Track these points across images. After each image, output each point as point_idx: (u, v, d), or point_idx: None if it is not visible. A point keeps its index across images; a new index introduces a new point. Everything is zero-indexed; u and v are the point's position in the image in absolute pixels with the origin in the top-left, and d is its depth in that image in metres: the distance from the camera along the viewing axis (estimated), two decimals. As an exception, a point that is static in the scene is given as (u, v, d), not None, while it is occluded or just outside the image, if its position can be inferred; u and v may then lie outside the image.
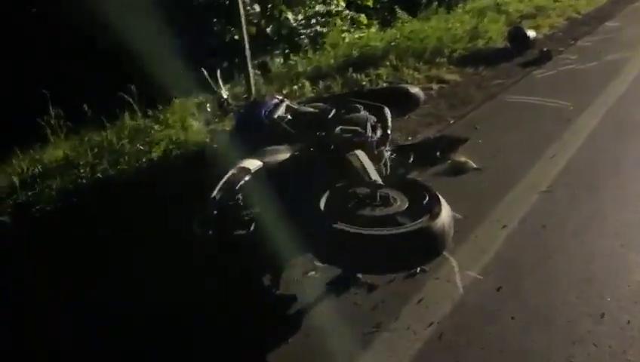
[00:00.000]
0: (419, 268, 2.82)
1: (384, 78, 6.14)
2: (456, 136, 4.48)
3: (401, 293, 2.67)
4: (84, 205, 3.26)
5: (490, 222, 3.27)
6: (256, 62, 5.58)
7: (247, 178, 2.76)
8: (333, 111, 3.68)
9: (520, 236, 3.11)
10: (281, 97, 3.92)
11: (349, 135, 3.21)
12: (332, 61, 6.86)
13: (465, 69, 6.90)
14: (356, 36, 9.03)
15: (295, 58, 7.39)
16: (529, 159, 4.10)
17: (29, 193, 3.37)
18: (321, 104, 3.96)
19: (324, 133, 3.27)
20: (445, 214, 2.56)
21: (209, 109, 4.51)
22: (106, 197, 3.29)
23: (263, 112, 3.61)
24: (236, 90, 5.70)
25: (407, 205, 2.69)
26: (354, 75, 6.04)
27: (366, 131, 3.24)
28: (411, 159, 4.08)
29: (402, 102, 4.28)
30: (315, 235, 2.53)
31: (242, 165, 2.78)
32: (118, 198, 3.26)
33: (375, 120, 3.55)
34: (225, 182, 2.64)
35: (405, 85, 4.57)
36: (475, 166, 4.06)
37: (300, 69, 6.68)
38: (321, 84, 5.87)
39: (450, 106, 5.62)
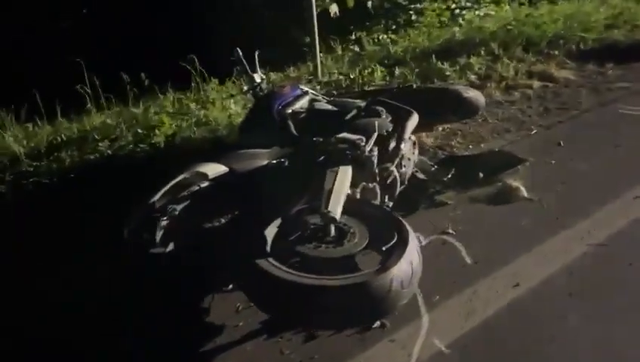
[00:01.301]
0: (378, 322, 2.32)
1: (474, 69, 5.33)
2: (514, 153, 3.70)
3: (339, 352, 2.22)
4: (75, 183, 3.22)
5: (503, 277, 2.61)
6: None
7: (203, 184, 2.47)
8: (354, 111, 3.20)
9: (530, 303, 2.44)
10: (305, 88, 3.52)
11: (345, 146, 2.74)
12: (427, 43, 6.18)
13: (586, 66, 5.77)
14: (479, 13, 8.08)
15: (391, 37, 6.80)
16: (601, 197, 3.23)
17: (35, 164, 3.42)
18: (350, 100, 3.49)
19: (321, 140, 2.84)
20: (401, 269, 2.05)
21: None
22: (98, 178, 3.21)
23: (277, 105, 3.25)
24: (301, 71, 5.35)
25: (364, 245, 2.22)
26: (438, 63, 5.32)
27: (366, 143, 2.73)
28: (449, 176, 3.45)
29: (454, 107, 3.63)
30: (239, 269, 2.19)
31: (199, 169, 2.49)
32: (110, 180, 3.16)
33: (390, 129, 3.01)
34: (172, 186, 2.38)
35: (460, 87, 3.86)
36: (526, 195, 3.31)
37: (392, 50, 6.11)
38: (397, 70, 5.27)
39: (543, 111, 4.72)
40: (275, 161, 2.70)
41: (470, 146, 4.10)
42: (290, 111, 3.23)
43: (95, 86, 4.36)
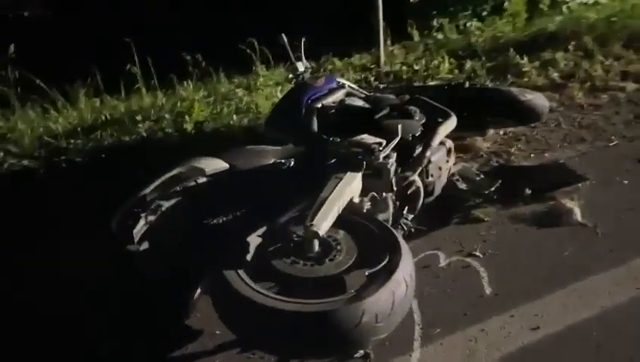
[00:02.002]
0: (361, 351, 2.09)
1: (558, 65, 4.74)
2: (574, 169, 3.21)
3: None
4: (104, 163, 3.26)
5: (522, 316, 2.26)
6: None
7: (199, 180, 2.36)
8: (386, 110, 2.93)
9: (545, 352, 2.08)
10: (342, 81, 3.28)
11: (358, 150, 2.50)
12: (512, 33, 5.62)
13: (700, 68, 4.94)
14: (586, 1, 7.23)
15: (476, 25, 6.28)
16: (673, 231, 2.72)
17: (72, 141, 3.51)
18: (390, 97, 3.21)
19: (338, 141, 2.62)
20: (378, 300, 1.82)
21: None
22: (126, 160, 3.22)
23: (307, 98, 3.05)
24: (365, 60, 5.07)
25: (345, 267, 2.00)
26: (517, 57, 4.80)
27: (383, 148, 2.46)
28: (493, 188, 3.07)
29: (508, 111, 3.22)
30: (209, 280, 2.06)
31: (196, 164, 2.38)
32: (135, 162, 3.15)
33: (418, 133, 2.71)
34: (165, 180, 2.29)
35: (516, 89, 3.40)
36: (580, 219, 2.86)
37: (473, 39, 5.63)
38: (468, 63, 4.83)
39: (631, 120, 4.09)
40: (280, 161, 2.53)
41: (532, 155, 3.64)
42: (320, 105, 3.02)
43: (154, 67, 4.40)
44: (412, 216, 2.72)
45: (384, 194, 2.51)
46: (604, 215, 2.88)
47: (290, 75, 3.51)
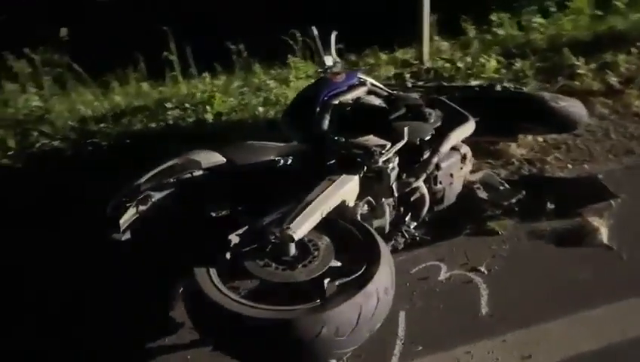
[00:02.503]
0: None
1: (618, 69, 4.36)
2: (604, 186, 2.93)
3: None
4: (125, 148, 3.34)
5: (514, 342, 2.09)
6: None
7: (195, 173, 2.36)
8: (403, 110, 2.81)
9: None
10: (364, 77, 3.17)
11: (359, 152, 2.41)
12: (574, 32, 5.23)
13: None
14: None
15: (539, 21, 5.89)
16: None
17: (101, 125, 3.61)
18: (414, 96, 3.07)
19: (342, 141, 2.54)
20: (340, 313, 1.74)
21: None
22: (147, 146, 3.28)
23: (324, 94, 2.97)
24: (407, 55, 4.89)
25: (320, 272, 1.94)
26: (571, 57, 4.46)
27: (385, 151, 2.36)
28: (514, 199, 2.87)
29: (539, 118, 3.00)
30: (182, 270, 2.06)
31: (192, 157, 2.38)
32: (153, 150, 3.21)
33: (427, 137, 2.58)
34: (160, 170, 2.31)
35: (549, 95, 3.13)
36: (605, 241, 2.62)
37: (532, 37, 5.30)
38: (519, 62, 4.54)
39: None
40: (278, 159, 2.48)
41: (569, 166, 3.38)
42: (336, 102, 2.93)
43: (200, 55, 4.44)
44: (415, 223, 2.60)
45: (383, 199, 2.41)
46: (634, 239, 2.62)
47: (319, 69, 3.45)
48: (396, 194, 2.45)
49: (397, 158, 2.42)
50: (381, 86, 3.25)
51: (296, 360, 1.78)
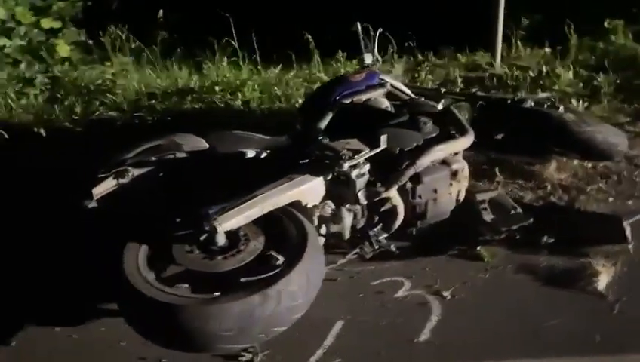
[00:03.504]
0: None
1: None
2: (623, 229, 2.53)
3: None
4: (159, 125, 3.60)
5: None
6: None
7: (177, 155, 2.52)
8: (405, 117, 2.72)
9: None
10: (386, 78, 3.09)
11: (330, 154, 2.39)
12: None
13: None
14: None
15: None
16: None
17: (151, 102, 3.91)
18: (432, 103, 2.94)
19: (321, 141, 2.54)
20: (234, 309, 1.82)
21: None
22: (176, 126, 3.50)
23: (338, 93, 2.96)
24: (477, 57, 4.61)
25: (235, 266, 2.00)
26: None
27: (353, 157, 2.31)
28: (515, 226, 2.62)
29: (559, 141, 2.71)
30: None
31: (177, 139, 2.53)
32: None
33: (409, 147, 2.46)
34: (145, 149, 2.50)
35: (573, 117, 2.75)
36: (601, 288, 2.32)
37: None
38: (600, 77, 4.06)
39: None
40: (258, 151, 2.54)
41: (609, 199, 2.98)
42: (349, 101, 2.90)
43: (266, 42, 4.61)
44: (385, 234, 2.50)
45: (347, 205, 2.37)
46: (635, 293, 2.27)
47: (359, 67, 3.42)
48: (363, 202, 2.38)
49: (367, 165, 2.35)
50: (404, 89, 3.15)
51: (181, 345, 1.86)
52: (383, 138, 2.39)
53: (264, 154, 2.53)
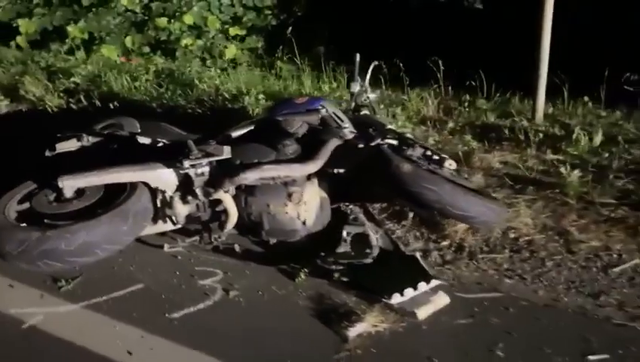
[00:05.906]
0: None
1: None
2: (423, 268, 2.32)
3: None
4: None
5: None
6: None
7: (118, 132, 3.27)
8: (294, 137, 3.09)
9: None
10: (327, 107, 3.29)
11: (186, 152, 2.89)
12: None
13: None
14: None
15: None
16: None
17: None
18: (341, 132, 3.14)
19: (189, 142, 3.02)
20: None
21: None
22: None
23: (279, 111, 3.34)
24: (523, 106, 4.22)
25: (67, 210, 2.77)
26: None
27: (194, 157, 2.80)
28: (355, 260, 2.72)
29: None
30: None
31: (122, 121, 3.30)
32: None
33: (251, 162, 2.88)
34: (105, 124, 3.37)
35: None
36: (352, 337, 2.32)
37: None
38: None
39: None
40: (162, 140, 3.15)
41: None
42: (281, 120, 3.25)
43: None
44: (221, 232, 2.89)
45: (178, 193, 2.88)
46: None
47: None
48: (202, 198, 2.84)
49: (207, 167, 2.82)
50: (341, 117, 3.30)
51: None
52: (227, 149, 2.82)
53: (161, 144, 3.12)
